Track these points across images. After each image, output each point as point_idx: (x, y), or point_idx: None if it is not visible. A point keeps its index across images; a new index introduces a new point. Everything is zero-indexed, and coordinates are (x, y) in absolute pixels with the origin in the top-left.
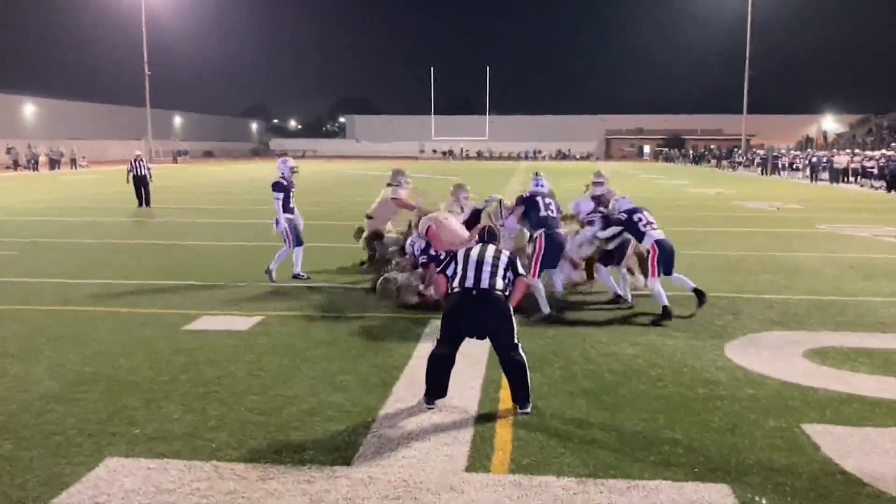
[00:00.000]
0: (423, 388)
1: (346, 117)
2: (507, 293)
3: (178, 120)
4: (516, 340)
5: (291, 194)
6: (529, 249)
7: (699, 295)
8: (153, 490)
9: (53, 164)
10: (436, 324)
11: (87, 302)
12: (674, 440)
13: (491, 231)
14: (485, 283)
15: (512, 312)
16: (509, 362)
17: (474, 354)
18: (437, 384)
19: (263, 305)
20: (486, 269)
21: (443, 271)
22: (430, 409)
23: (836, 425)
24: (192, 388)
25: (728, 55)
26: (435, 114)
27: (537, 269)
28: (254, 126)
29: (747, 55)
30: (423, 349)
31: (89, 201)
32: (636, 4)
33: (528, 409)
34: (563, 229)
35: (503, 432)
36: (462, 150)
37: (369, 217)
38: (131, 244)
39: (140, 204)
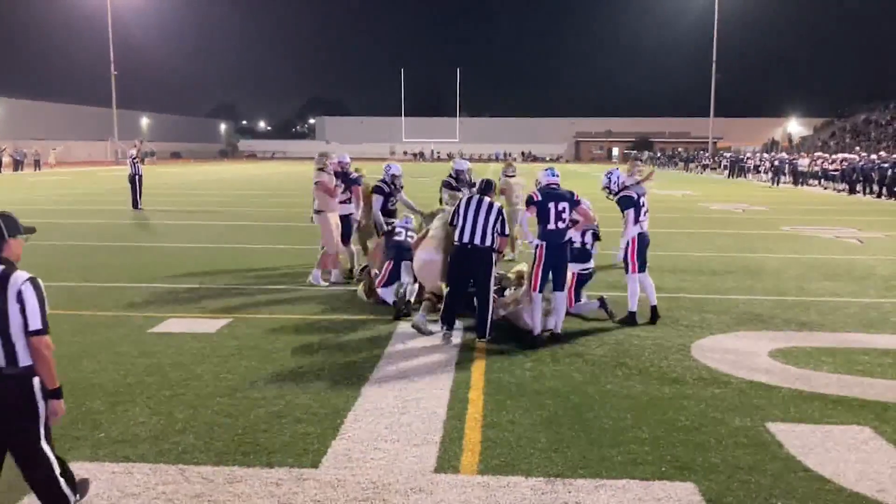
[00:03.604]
0: (391, 390)
1: (316, 119)
2: (495, 245)
3: (144, 121)
4: (491, 288)
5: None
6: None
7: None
8: (118, 494)
9: (17, 164)
10: (404, 326)
11: (48, 304)
12: (641, 439)
13: (489, 182)
14: (477, 240)
15: (493, 264)
16: (479, 299)
17: (442, 357)
18: (451, 315)
19: (231, 307)
20: (480, 223)
21: (452, 222)
22: (447, 334)
23: (799, 423)
24: (158, 391)
25: (696, 59)
26: (405, 115)
27: (538, 281)
28: (222, 127)
29: (714, 59)
30: (393, 352)
31: (53, 203)
32: (605, 9)
33: (485, 339)
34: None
35: (472, 433)
36: (433, 151)
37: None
38: (96, 246)
39: (136, 205)
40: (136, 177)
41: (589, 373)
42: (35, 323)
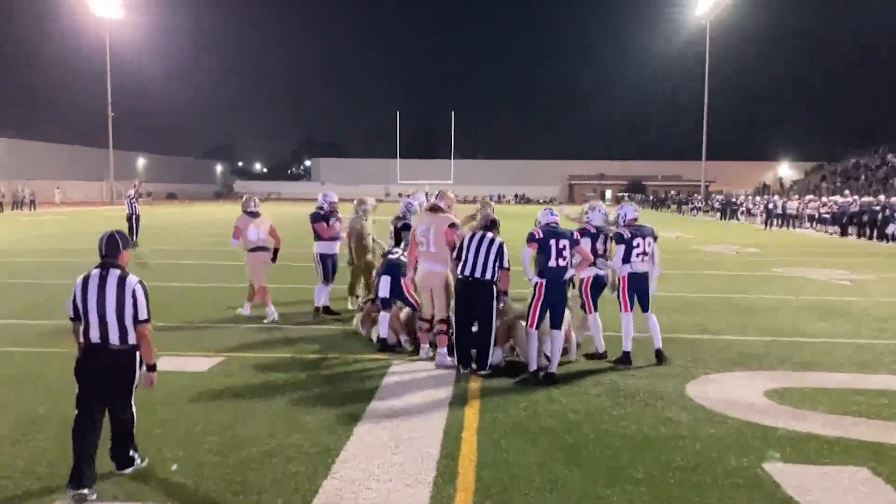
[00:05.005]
0: (384, 429)
1: (311, 160)
2: (496, 279)
3: (141, 161)
4: (494, 320)
5: (330, 223)
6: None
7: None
8: None
9: (15, 204)
10: (398, 365)
11: (40, 343)
12: (637, 479)
13: (493, 221)
14: (478, 273)
15: (495, 296)
16: (480, 333)
17: (437, 390)
18: (465, 354)
19: (224, 346)
20: (481, 258)
21: (458, 257)
22: (465, 371)
23: (795, 464)
24: (149, 429)
25: (687, 104)
26: (400, 157)
27: (535, 318)
28: (218, 168)
29: (705, 104)
30: (386, 391)
31: (48, 242)
32: (599, 56)
33: (484, 372)
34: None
35: (466, 473)
36: (427, 193)
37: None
38: None
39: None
40: (134, 216)
41: (584, 412)
42: (143, 314)
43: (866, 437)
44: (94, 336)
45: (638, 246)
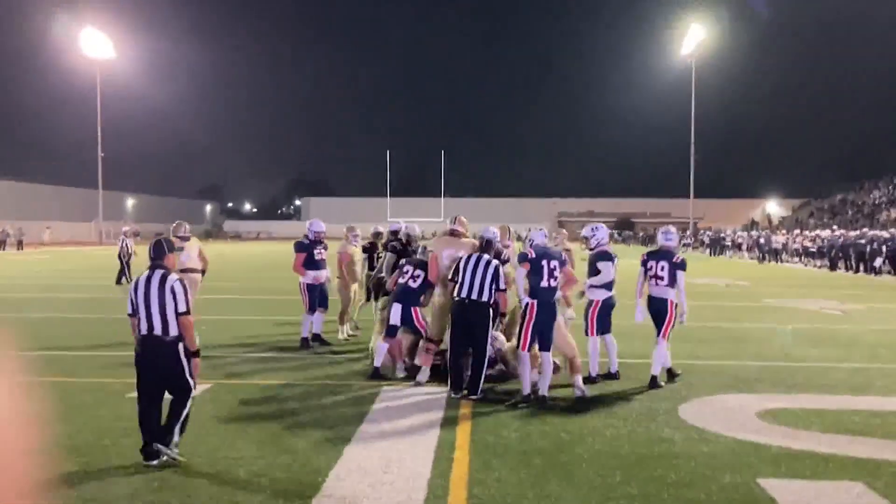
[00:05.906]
0: (375, 450)
1: (302, 199)
2: (492, 301)
3: (130, 201)
4: (489, 345)
5: (315, 254)
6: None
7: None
8: None
9: (2, 244)
10: (389, 388)
11: (26, 372)
12: (631, 495)
13: (489, 242)
14: (475, 295)
15: (491, 320)
16: (475, 356)
17: (428, 413)
18: (458, 378)
19: (211, 373)
20: (478, 280)
21: (453, 278)
22: (455, 397)
23: (791, 479)
24: (134, 452)
25: (675, 142)
26: (391, 196)
27: (527, 340)
28: (208, 208)
29: (692, 141)
30: (376, 413)
31: (34, 279)
32: (587, 96)
33: (475, 397)
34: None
35: (457, 491)
36: (414, 229)
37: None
38: (75, 318)
39: (119, 281)
40: (122, 254)
41: (577, 433)
42: (182, 307)
43: (861, 454)
44: (144, 328)
45: (650, 269)
